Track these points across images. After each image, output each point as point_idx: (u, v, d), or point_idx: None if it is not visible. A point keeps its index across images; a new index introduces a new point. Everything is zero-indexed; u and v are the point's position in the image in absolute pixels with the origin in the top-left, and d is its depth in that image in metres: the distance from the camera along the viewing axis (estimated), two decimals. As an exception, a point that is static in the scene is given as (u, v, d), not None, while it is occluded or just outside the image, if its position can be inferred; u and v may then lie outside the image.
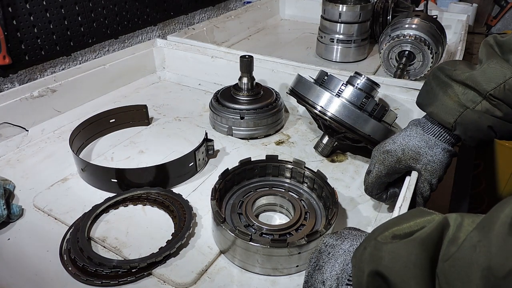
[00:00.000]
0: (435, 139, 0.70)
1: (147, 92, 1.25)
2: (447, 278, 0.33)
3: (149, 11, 1.47)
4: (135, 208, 0.77)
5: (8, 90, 0.97)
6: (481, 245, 0.31)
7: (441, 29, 1.29)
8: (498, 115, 0.64)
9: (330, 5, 1.39)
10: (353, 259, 0.44)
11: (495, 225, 0.31)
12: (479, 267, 0.30)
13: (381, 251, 0.39)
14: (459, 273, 0.32)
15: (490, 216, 0.33)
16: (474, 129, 0.66)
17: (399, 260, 0.37)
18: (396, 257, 0.38)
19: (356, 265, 0.42)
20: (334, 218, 0.66)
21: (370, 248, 0.41)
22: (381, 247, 0.40)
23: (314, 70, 1.06)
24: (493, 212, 0.33)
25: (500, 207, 0.33)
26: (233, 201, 0.75)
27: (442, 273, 0.34)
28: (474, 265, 0.31)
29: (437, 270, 0.35)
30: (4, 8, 1.01)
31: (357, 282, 0.41)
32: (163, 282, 0.63)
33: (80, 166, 0.83)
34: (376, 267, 0.39)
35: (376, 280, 0.39)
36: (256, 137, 1.02)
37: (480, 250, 0.31)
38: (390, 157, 0.71)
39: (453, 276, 0.33)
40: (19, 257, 0.67)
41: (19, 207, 0.75)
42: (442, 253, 0.35)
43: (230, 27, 1.64)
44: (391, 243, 0.39)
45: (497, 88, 0.62)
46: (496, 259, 0.30)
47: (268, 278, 0.64)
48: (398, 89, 1.00)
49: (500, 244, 0.30)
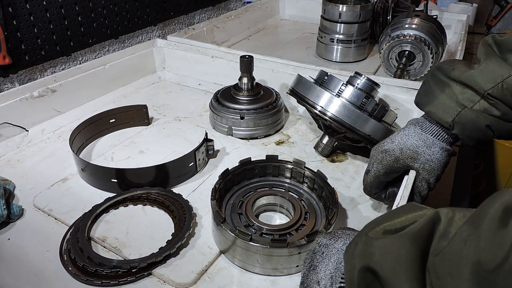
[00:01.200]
0: (433, 138, 0.70)
1: (147, 92, 1.25)
2: (438, 272, 0.33)
3: (149, 11, 1.47)
4: (135, 208, 0.77)
5: (8, 90, 0.97)
6: (471, 239, 0.32)
7: (441, 29, 1.29)
8: (496, 115, 0.64)
9: (330, 5, 1.39)
10: (345, 255, 0.44)
11: (484, 219, 0.32)
12: (469, 261, 0.31)
13: (372, 247, 0.39)
14: (449, 268, 0.32)
15: (480, 211, 0.33)
16: (472, 128, 0.66)
17: (390, 255, 0.37)
18: (386, 252, 0.38)
19: (348, 261, 0.43)
20: (334, 218, 0.66)
21: (361, 243, 0.41)
22: (372, 243, 0.40)
23: (314, 70, 1.06)
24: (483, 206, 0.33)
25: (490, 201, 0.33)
26: (233, 201, 0.75)
27: (433, 268, 0.34)
28: (464, 259, 0.31)
29: (428, 265, 0.35)
30: (4, 8, 1.01)
31: (349, 278, 0.41)
32: (163, 282, 0.63)
33: (80, 166, 0.83)
34: (367, 263, 0.39)
35: (368, 275, 0.39)
36: (256, 137, 1.02)
37: (470, 245, 0.31)
38: (388, 157, 0.71)
39: (444, 270, 0.33)
40: (19, 257, 0.67)
41: (19, 207, 0.75)
42: (433, 248, 0.35)
43: (230, 27, 1.64)
44: (382, 239, 0.39)
45: (495, 88, 0.62)
46: (486, 254, 0.30)
47: (268, 278, 0.64)
48: (398, 89, 1.00)
49: (489, 239, 0.30)
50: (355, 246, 0.42)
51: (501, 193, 0.32)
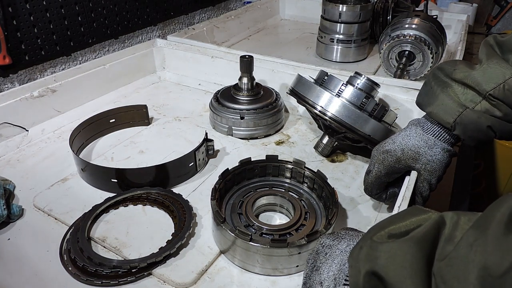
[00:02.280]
0: (434, 138, 0.70)
1: (147, 92, 1.25)
2: (444, 277, 0.33)
3: (149, 11, 1.47)
4: (135, 208, 0.77)
5: (8, 90, 0.97)
6: (477, 244, 0.31)
7: (441, 29, 1.29)
8: (498, 115, 0.64)
9: (330, 5, 1.39)
10: (349, 259, 0.44)
11: (491, 224, 0.31)
12: (475, 266, 0.30)
13: (377, 251, 0.39)
14: (455, 273, 0.32)
15: (487, 215, 0.33)
16: (474, 129, 0.66)
17: (395, 260, 0.37)
18: (392, 256, 0.37)
19: (352, 265, 0.42)
20: (334, 218, 0.66)
21: (366, 247, 0.41)
22: (377, 247, 0.39)
23: (314, 70, 1.06)
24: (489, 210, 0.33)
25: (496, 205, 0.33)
26: (233, 201, 0.75)
27: (439, 273, 0.34)
28: (470, 264, 0.31)
29: (434, 270, 0.35)
30: (4, 8, 1.01)
31: (353, 282, 0.41)
32: (163, 282, 0.63)
33: (80, 166, 0.83)
34: (372, 267, 0.39)
35: (373, 280, 0.39)
36: (256, 137, 1.02)
37: (477, 250, 0.31)
38: (389, 157, 0.71)
39: (450, 275, 0.32)
40: (19, 257, 0.67)
41: (19, 207, 0.75)
42: (438, 252, 0.35)
43: (230, 27, 1.64)
44: (387, 243, 0.39)
45: (496, 88, 0.62)
46: (492, 258, 0.29)
47: (268, 278, 0.64)
48: (398, 89, 1.00)
49: (496, 243, 0.30)
50: (359, 250, 0.42)
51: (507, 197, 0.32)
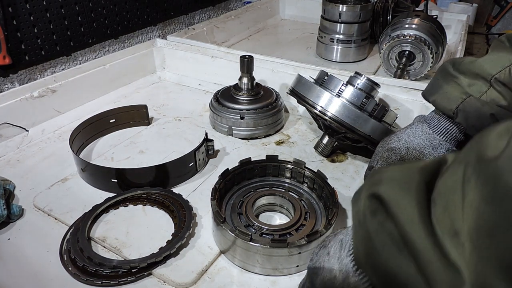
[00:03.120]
0: (440, 138, 0.70)
1: (147, 92, 1.25)
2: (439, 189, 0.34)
3: (149, 11, 1.47)
4: (135, 208, 0.77)
5: (8, 90, 0.97)
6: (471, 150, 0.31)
7: (441, 29, 1.29)
8: (503, 104, 0.63)
9: (330, 5, 1.39)
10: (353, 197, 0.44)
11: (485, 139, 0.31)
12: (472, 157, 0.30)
13: (380, 175, 0.40)
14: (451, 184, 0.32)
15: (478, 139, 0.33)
16: (476, 116, 0.65)
17: (396, 181, 0.37)
18: (393, 179, 0.38)
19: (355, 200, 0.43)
20: (334, 218, 0.66)
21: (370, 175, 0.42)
22: (381, 172, 0.40)
23: (314, 70, 1.06)
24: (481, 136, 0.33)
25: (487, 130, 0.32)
26: (233, 201, 0.75)
27: (437, 191, 0.34)
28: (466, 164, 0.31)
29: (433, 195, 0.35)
30: (4, 8, 1.01)
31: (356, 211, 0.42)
32: (163, 282, 0.63)
33: (80, 166, 0.83)
34: (374, 190, 0.39)
35: (373, 202, 0.39)
36: (256, 137, 1.02)
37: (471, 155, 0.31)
38: (393, 155, 0.71)
39: (444, 188, 0.33)
40: (19, 257, 0.67)
41: (19, 207, 0.75)
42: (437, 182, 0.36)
43: (230, 27, 1.64)
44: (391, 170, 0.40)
45: (502, 72, 0.62)
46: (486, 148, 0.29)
47: (268, 278, 0.64)
48: (398, 89, 1.00)
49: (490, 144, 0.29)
50: (370, 174, 0.42)
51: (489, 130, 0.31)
